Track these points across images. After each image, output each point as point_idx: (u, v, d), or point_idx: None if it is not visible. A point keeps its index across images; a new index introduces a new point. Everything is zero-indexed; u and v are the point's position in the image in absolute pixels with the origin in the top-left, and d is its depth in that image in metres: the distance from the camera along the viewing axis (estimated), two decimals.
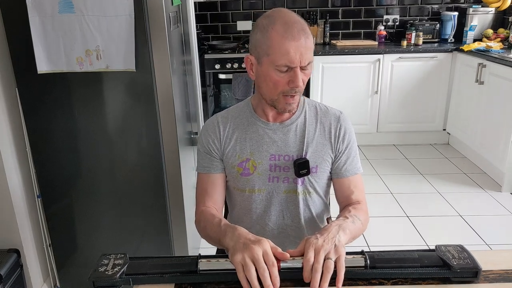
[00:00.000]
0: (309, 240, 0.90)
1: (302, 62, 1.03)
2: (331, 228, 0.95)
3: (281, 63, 1.03)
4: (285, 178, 1.17)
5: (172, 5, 1.80)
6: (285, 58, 1.02)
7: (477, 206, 2.79)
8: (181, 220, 1.92)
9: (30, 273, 1.86)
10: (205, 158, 1.20)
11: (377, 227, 2.54)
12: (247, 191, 1.19)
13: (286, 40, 1.01)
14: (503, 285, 0.86)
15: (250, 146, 1.17)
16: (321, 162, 1.17)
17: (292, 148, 1.16)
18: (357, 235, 1.07)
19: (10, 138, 1.75)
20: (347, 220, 1.04)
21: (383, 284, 0.87)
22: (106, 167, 1.82)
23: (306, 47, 1.03)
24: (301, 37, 1.02)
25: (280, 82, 1.06)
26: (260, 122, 1.18)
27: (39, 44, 1.61)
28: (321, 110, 1.21)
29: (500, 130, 2.97)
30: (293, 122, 1.18)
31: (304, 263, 0.85)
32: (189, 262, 0.89)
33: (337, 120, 1.19)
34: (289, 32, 1.01)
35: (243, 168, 1.17)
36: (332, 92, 3.71)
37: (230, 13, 4.08)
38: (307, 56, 1.03)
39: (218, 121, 1.21)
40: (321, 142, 1.18)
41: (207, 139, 1.20)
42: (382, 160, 3.59)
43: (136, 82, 1.69)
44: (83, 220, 1.90)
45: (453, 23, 3.83)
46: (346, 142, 1.19)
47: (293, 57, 1.01)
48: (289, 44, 1.01)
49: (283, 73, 1.04)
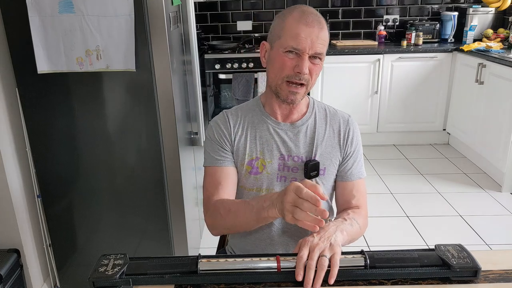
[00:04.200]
0: (305, 239, 0.90)
1: (311, 49, 1.03)
2: (328, 228, 0.95)
3: (289, 44, 1.04)
4: (292, 178, 1.16)
5: (172, 5, 1.80)
6: (294, 40, 1.03)
7: (477, 206, 2.79)
8: (181, 220, 1.92)
9: (30, 273, 1.86)
10: (217, 151, 1.16)
11: (377, 227, 2.55)
12: (255, 190, 1.18)
13: (299, 24, 1.03)
14: (503, 285, 0.86)
15: (260, 145, 1.16)
16: (329, 165, 1.17)
17: (301, 149, 1.16)
18: (354, 238, 1.07)
19: (10, 138, 1.75)
20: (345, 222, 1.04)
21: (383, 284, 0.87)
22: (106, 167, 1.82)
23: (318, 37, 1.03)
24: (314, 25, 1.03)
25: (286, 65, 1.06)
26: (270, 121, 1.17)
27: (39, 44, 1.61)
28: (330, 112, 1.21)
29: (500, 130, 2.97)
30: (303, 124, 1.18)
31: (297, 260, 0.85)
32: (189, 262, 0.89)
33: (346, 123, 1.20)
34: (303, 18, 1.04)
35: (252, 166, 1.16)
36: (332, 92, 3.71)
37: (230, 13, 4.08)
38: (317, 45, 1.04)
39: (228, 117, 1.19)
40: (330, 144, 1.18)
41: (219, 133, 1.17)
42: (382, 160, 3.59)
43: (136, 82, 1.70)
44: (83, 220, 1.90)
45: (453, 23, 3.83)
46: (354, 146, 1.19)
47: (302, 41, 1.02)
48: (301, 28, 1.03)
49: (291, 55, 1.05)
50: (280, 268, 0.86)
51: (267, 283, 0.87)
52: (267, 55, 1.13)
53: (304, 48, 1.03)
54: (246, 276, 0.87)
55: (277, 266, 0.86)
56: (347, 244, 1.03)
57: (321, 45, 1.05)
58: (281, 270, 0.86)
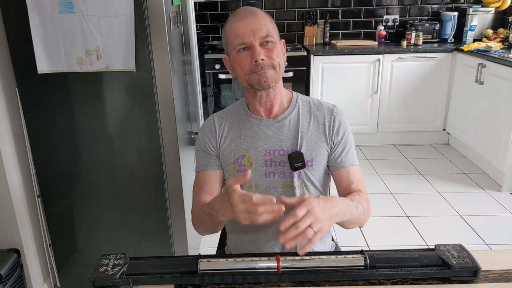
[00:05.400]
0: (309, 200, 0.90)
1: (255, 37, 1.08)
2: (336, 203, 0.99)
3: (236, 43, 1.09)
4: (281, 172, 1.17)
5: (172, 5, 1.80)
6: (237, 38, 1.09)
7: (477, 206, 2.79)
8: (181, 220, 1.92)
9: (30, 273, 1.86)
10: (202, 157, 1.22)
11: (377, 227, 2.55)
12: (244, 187, 1.18)
13: (236, 23, 1.10)
14: (503, 285, 0.86)
15: (245, 143, 1.19)
16: (317, 155, 1.18)
17: (286, 142, 1.18)
18: (357, 221, 1.11)
19: (10, 138, 1.75)
20: (351, 204, 1.07)
21: (383, 284, 0.87)
22: (106, 167, 1.82)
23: (255, 23, 1.09)
24: (248, 16, 1.10)
25: (244, 62, 1.10)
26: (253, 119, 1.20)
27: (39, 44, 1.61)
28: (314, 104, 1.23)
29: (500, 130, 2.97)
30: (286, 117, 1.19)
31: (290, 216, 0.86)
32: (189, 262, 0.89)
33: (330, 113, 1.20)
34: (236, 16, 1.12)
35: (239, 164, 1.18)
36: (332, 92, 3.71)
37: (230, 13, 4.06)
38: (260, 31, 1.08)
39: (214, 120, 1.24)
40: (316, 135, 1.19)
41: (204, 138, 1.22)
42: (382, 160, 3.59)
43: (136, 82, 1.70)
44: (83, 220, 1.90)
45: (453, 23, 3.83)
46: (341, 134, 1.19)
47: (243, 35, 1.08)
48: (237, 24, 1.10)
49: (244, 52, 1.10)
50: (280, 268, 0.86)
51: (267, 283, 0.87)
52: (230, 65, 1.18)
53: (249, 40, 1.08)
54: (246, 276, 0.87)
55: (277, 266, 0.86)
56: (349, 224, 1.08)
57: (263, 29, 1.09)
58: (281, 270, 0.86)
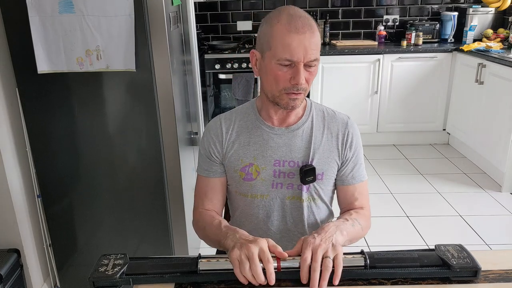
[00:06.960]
0: (306, 240, 0.89)
1: (305, 58, 0.98)
2: (328, 228, 0.94)
3: (282, 57, 0.98)
4: (289, 184, 1.14)
5: (172, 5, 1.80)
6: (286, 51, 0.97)
7: (477, 206, 2.79)
8: (181, 220, 1.92)
9: (30, 273, 1.86)
10: (205, 161, 1.18)
11: (377, 227, 2.54)
12: (250, 196, 1.16)
13: (289, 32, 0.96)
14: (503, 285, 0.86)
15: (254, 151, 1.13)
16: (328, 169, 1.14)
17: (297, 154, 1.13)
18: (355, 238, 1.06)
19: (10, 138, 1.75)
20: (346, 222, 1.03)
21: (383, 284, 0.87)
22: (106, 167, 1.82)
23: (310, 42, 0.97)
24: (306, 31, 0.97)
25: (282, 78, 1.00)
26: (265, 126, 1.14)
27: (39, 44, 1.61)
28: (328, 114, 1.17)
29: (500, 130, 2.97)
30: (299, 127, 1.14)
31: (301, 263, 0.84)
32: (189, 262, 0.89)
33: (345, 126, 1.16)
34: (292, 24, 0.97)
35: (246, 173, 1.13)
36: (332, 92, 3.71)
37: (230, 13, 4.08)
38: (311, 52, 0.98)
39: (221, 123, 1.17)
40: (328, 148, 1.14)
41: (209, 142, 1.16)
42: (382, 160, 3.59)
43: (136, 82, 1.70)
44: (83, 220, 1.90)
45: (453, 23, 3.83)
46: (353, 149, 1.16)
47: (295, 50, 0.96)
48: (292, 37, 0.96)
49: (285, 67, 0.99)
50: (280, 267, 0.86)
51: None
52: (258, 64, 1.07)
53: (298, 59, 0.97)
54: None
55: (277, 266, 0.86)
56: (348, 244, 1.02)
57: (314, 51, 0.99)
58: (281, 270, 0.86)
